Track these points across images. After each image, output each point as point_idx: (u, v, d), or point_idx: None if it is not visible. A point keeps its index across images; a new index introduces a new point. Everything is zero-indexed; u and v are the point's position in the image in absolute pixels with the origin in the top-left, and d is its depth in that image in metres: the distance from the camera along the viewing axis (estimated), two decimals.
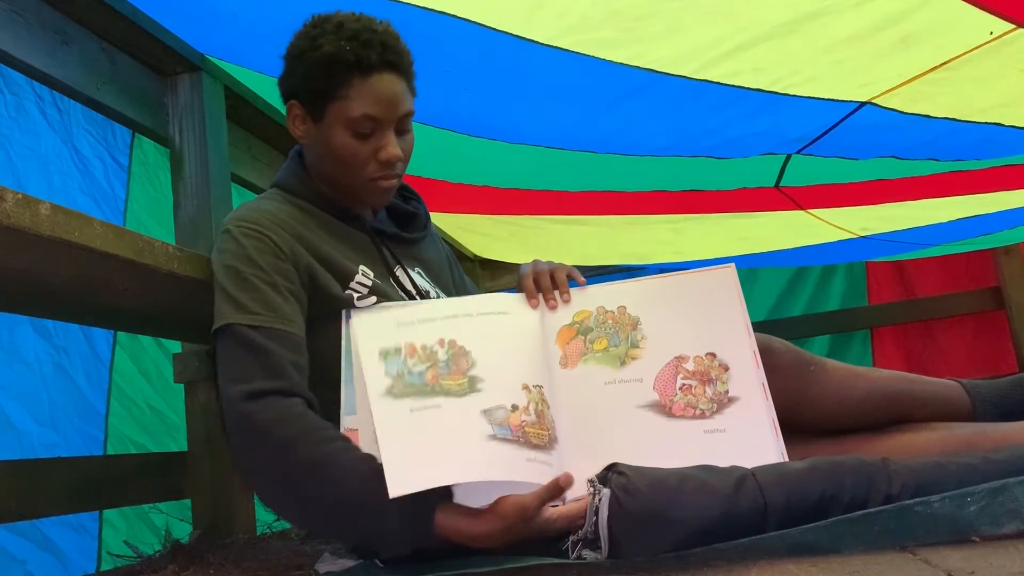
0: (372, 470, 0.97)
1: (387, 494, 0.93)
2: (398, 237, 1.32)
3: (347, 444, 1.01)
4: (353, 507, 0.98)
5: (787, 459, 1.06)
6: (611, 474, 0.99)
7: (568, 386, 1.12)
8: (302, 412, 1.02)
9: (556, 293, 1.20)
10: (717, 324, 1.16)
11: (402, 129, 1.20)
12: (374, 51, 1.13)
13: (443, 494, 0.97)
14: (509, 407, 1.03)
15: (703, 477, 0.98)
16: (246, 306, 1.07)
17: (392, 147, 1.18)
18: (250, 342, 1.05)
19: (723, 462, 1.03)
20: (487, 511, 0.97)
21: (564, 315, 1.19)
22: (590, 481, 1.00)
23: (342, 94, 1.14)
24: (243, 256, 1.11)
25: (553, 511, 0.99)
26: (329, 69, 1.14)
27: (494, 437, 1.00)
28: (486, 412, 1.02)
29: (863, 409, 1.23)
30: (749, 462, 1.03)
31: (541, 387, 1.08)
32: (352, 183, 1.22)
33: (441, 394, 1.04)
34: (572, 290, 1.22)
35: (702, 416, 1.09)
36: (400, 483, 0.94)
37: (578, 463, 1.04)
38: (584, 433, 1.08)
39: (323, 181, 1.25)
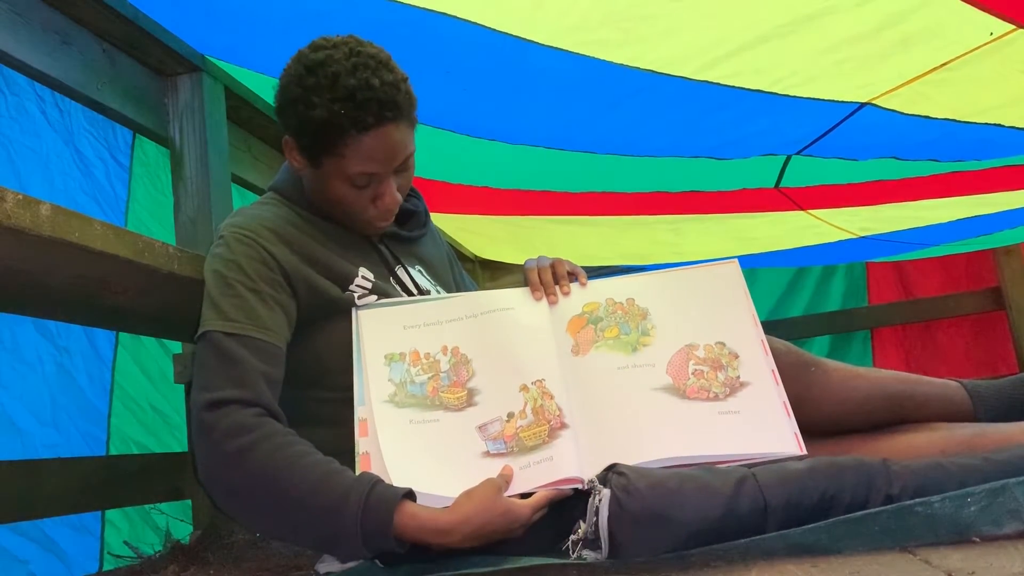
0: (327, 473, 0.97)
1: (341, 496, 0.94)
2: (397, 235, 1.32)
3: (303, 449, 0.99)
4: (307, 511, 0.96)
5: (801, 441, 1.06)
6: (611, 474, 0.99)
7: (581, 372, 1.13)
8: (259, 421, 1.00)
9: (556, 288, 1.21)
10: (724, 315, 1.18)
11: (402, 168, 1.17)
12: (370, 113, 1.08)
13: (402, 494, 0.96)
14: (504, 417, 1.07)
15: (703, 478, 0.98)
16: (226, 313, 1.07)
17: (391, 196, 1.16)
18: (224, 350, 1.05)
19: (738, 442, 1.05)
20: (451, 505, 0.96)
21: (574, 305, 1.20)
22: (590, 481, 1.00)
23: (338, 152, 1.11)
24: (231, 262, 1.11)
25: (519, 501, 0.98)
26: (324, 131, 1.09)
27: (488, 454, 1.04)
28: (481, 428, 1.06)
29: (863, 410, 1.23)
30: (764, 443, 1.05)
31: (543, 380, 1.09)
32: (348, 223, 1.22)
33: (440, 408, 1.08)
34: (578, 286, 1.22)
35: (716, 398, 1.10)
36: (404, 484, 0.98)
37: (593, 443, 1.05)
38: (600, 415, 1.09)
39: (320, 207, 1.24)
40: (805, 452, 1.05)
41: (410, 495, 0.96)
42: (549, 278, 1.22)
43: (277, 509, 0.98)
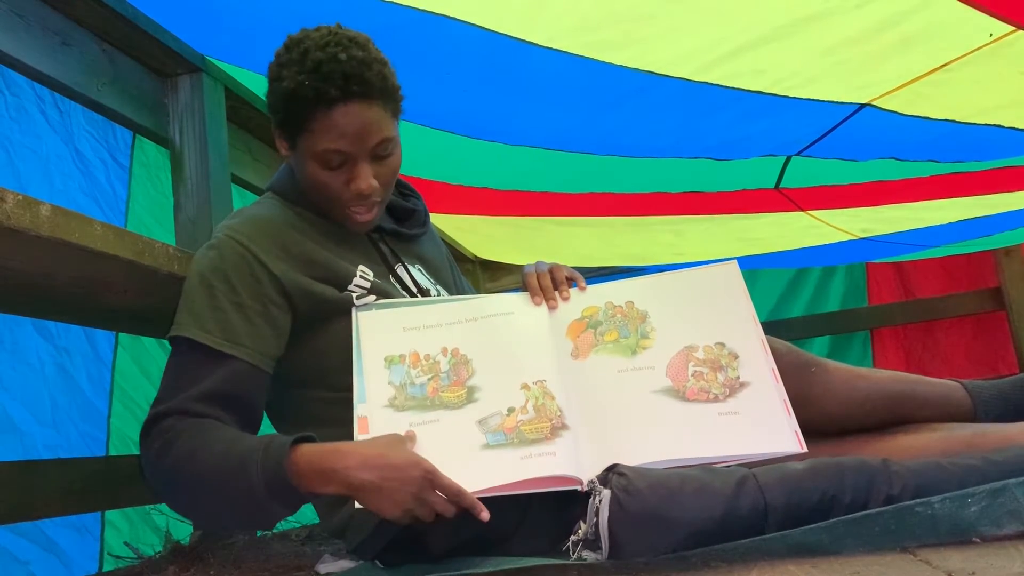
0: (231, 441, 1.00)
1: (245, 454, 0.96)
2: (397, 234, 1.32)
3: (210, 425, 1.01)
4: (221, 480, 0.98)
5: (801, 439, 1.06)
6: (611, 475, 1.00)
7: (581, 376, 1.13)
8: (182, 423, 1.02)
9: (556, 293, 1.21)
10: (724, 315, 1.18)
11: (380, 155, 1.15)
12: (334, 85, 1.08)
13: (300, 437, 0.98)
14: (505, 411, 1.07)
15: (704, 478, 0.98)
16: (203, 322, 1.08)
17: (363, 180, 1.14)
18: (188, 360, 1.07)
19: (739, 442, 1.05)
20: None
21: (573, 310, 1.20)
22: (590, 482, 1.00)
23: (307, 128, 1.11)
24: (219, 271, 1.11)
25: (446, 478, 0.95)
26: (291, 103, 1.10)
27: (487, 446, 1.04)
28: (481, 422, 1.06)
29: (864, 410, 1.23)
30: (764, 442, 1.05)
31: (543, 381, 1.10)
32: (330, 210, 1.21)
33: (440, 407, 1.08)
34: (577, 291, 1.22)
35: (715, 400, 1.10)
36: None
37: (593, 446, 1.05)
38: (600, 417, 1.09)
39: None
40: (806, 450, 1.05)
41: (310, 439, 0.99)
42: (548, 283, 1.22)
43: (200, 490, 1.00)
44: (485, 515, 0.94)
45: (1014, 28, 1.38)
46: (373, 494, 0.94)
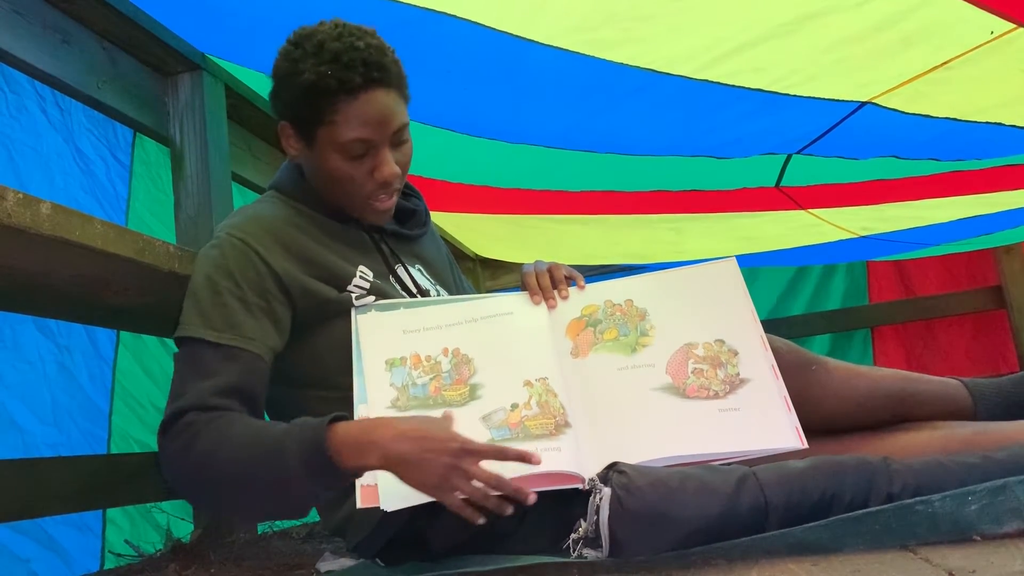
0: (258, 429, 1.00)
1: (279, 438, 0.96)
2: (398, 234, 1.32)
3: (233, 418, 1.01)
4: (253, 466, 0.97)
5: (801, 435, 1.06)
6: (612, 473, 1.00)
7: (581, 374, 1.13)
8: (206, 416, 1.01)
9: (555, 292, 1.21)
10: (723, 312, 1.18)
11: (397, 141, 1.16)
12: (356, 72, 1.08)
13: (333, 418, 0.97)
14: (508, 407, 1.07)
15: (704, 476, 0.98)
16: (210, 320, 1.07)
17: (388, 166, 1.15)
18: (200, 360, 1.06)
19: (739, 439, 1.05)
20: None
21: (572, 309, 1.20)
22: (591, 480, 1.00)
23: (329, 119, 1.11)
24: (222, 268, 1.11)
25: (485, 446, 0.95)
26: (313, 96, 1.10)
27: (492, 442, 1.03)
28: (485, 418, 1.06)
29: (864, 408, 1.23)
30: (765, 438, 1.05)
31: (546, 379, 1.10)
32: (350, 204, 1.20)
33: (443, 406, 1.08)
34: (577, 290, 1.23)
35: (716, 396, 1.10)
36: (394, 497, 0.97)
37: (594, 444, 1.06)
38: (600, 415, 1.09)
39: (322, 194, 1.24)
40: (806, 446, 1.05)
41: (341, 418, 0.98)
42: (547, 282, 1.22)
43: (231, 481, 1.00)
44: (532, 498, 0.93)
45: (1015, 26, 1.38)
46: (411, 466, 0.93)
